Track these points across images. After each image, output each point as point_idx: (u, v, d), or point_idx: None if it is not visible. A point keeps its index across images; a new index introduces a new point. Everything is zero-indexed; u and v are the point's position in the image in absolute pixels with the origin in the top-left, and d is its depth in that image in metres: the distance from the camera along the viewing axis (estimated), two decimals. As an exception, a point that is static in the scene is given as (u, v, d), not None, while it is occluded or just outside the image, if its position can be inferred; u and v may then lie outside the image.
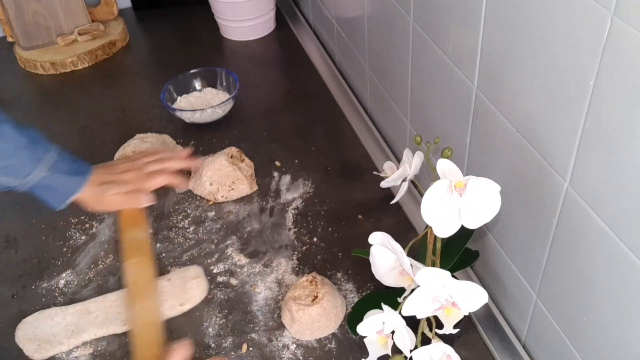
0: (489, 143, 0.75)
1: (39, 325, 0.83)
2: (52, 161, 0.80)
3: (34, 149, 0.80)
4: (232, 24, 1.41)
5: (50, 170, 0.80)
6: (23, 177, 0.79)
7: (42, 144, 0.81)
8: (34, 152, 0.79)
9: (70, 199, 0.82)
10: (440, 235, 0.61)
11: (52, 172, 0.80)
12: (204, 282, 0.88)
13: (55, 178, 0.81)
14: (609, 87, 0.51)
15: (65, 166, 0.82)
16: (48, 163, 0.80)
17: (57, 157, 0.81)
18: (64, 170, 0.82)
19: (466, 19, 0.71)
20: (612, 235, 0.56)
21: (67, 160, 0.83)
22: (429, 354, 0.62)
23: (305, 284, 0.82)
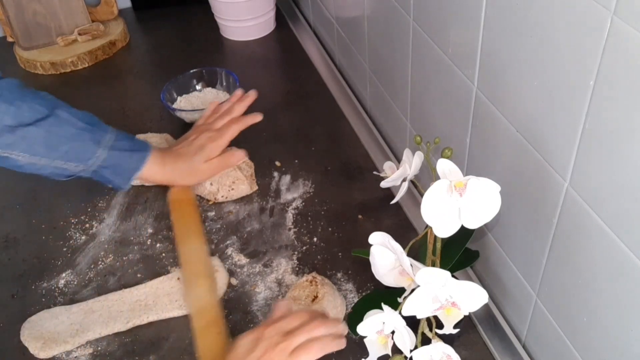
0: (489, 143, 0.75)
1: (44, 324, 0.84)
2: (112, 141, 0.82)
3: (93, 131, 0.81)
4: (232, 24, 1.41)
5: (112, 150, 0.81)
6: (86, 160, 0.81)
7: (100, 126, 0.83)
8: (93, 134, 0.81)
9: (134, 175, 0.84)
10: (440, 235, 0.61)
11: (113, 151, 0.81)
12: (224, 274, 0.88)
13: (117, 157, 0.83)
14: (609, 87, 0.51)
15: (125, 144, 0.84)
16: (108, 143, 0.81)
17: (115, 137, 0.82)
18: (125, 149, 0.83)
19: (466, 19, 0.71)
20: (612, 235, 0.56)
21: (126, 138, 0.84)
22: (429, 354, 0.62)
23: (305, 284, 0.82)
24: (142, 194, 1.04)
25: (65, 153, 0.80)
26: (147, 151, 0.86)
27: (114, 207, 1.02)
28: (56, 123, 0.80)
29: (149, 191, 1.05)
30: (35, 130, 0.80)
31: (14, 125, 0.78)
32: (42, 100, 0.81)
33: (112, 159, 0.82)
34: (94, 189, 1.05)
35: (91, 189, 1.05)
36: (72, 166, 0.81)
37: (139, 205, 1.02)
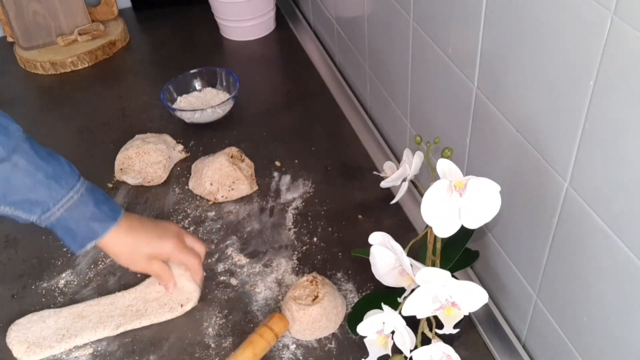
0: (489, 143, 0.75)
1: (30, 327, 0.83)
2: (72, 202, 0.73)
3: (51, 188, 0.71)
4: (232, 24, 1.41)
5: (69, 211, 0.73)
6: (40, 214, 0.72)
7: (65, 181, 0.73)
8: (51, 191, 0.71)
9: (88, 244, 0.75)
10: (440, 235, 0.61)
11: (70, 212, 0.73)
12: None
13: (73, 221, 0.73)
14: (609, 87, 0.51)
15: (87, 209, 0.74)
16: (67, 204, 0.72)
17: (78, 197, 0.73)
18: (85, 214, 0.74)
19: (466, 19, 0.71)
20: (612, 235, 0.56)
21: (92, 201, 0.74)
22: (429, 354, 0.62)
23: (305, 283, 0.82)
24: (142, 194, 1.04)
25: (14, 203, 0.70)
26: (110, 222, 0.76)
27: (114, 207, 1.02)
28: (10, 170, 0.69)
29: (149, 191, 1.05)
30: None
31: None
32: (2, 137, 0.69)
33: (68, 221, 0.73)
34: (94, 189, 1.05)
35: (91, 189, 1.05)
36: (24, 216, 0.72)
37: (139, 205, 1.02)
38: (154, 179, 1.05)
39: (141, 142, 1.07)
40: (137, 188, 1.05)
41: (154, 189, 1.05)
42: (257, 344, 0.77)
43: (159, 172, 1.05)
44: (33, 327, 0.83)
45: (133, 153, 1.05)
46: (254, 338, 0.77)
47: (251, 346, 0.77)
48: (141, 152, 1.05)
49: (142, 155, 1.05)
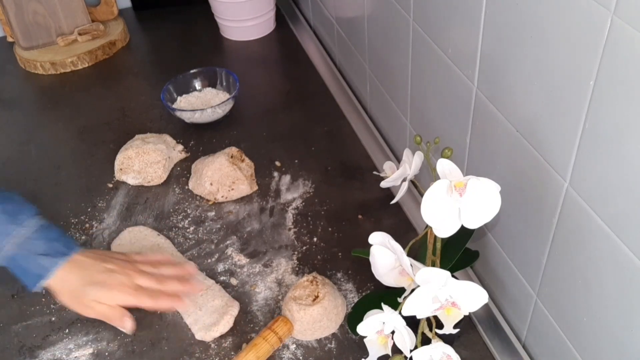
0: (489, 143, 0.75)
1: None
2: (25, 238, 0.73)
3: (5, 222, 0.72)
4: (232, 24, 1.41)
5: (20, 248, 0.72)
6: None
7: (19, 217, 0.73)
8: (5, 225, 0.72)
9: (41, 282, 0.74)
10: (440, 235, 0.61)
11: (21, 249, 0.73)
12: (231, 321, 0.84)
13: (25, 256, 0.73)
14: (609, 87, 0.51)
15: (38, 245, 0.74)
16: (19, 240, 0.73)
17: (30, 233, 0.73)
18: (36, 250, 0.73)
19: (466, 19, 0.71)
20: (612, 235, 0.56)
21: (44, 238, 0.74)
22: (429, 354, 0.62)
23: (305, 284, 0.82)
24: (142, 194, 1.04)
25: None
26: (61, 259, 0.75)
27: (114, 207, 1.02)
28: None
29: (149, 191, 1.05)
30: None
31: None
32: None
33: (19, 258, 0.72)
34: (94, 189, 1.05)
35: (91, 188, 1.05)
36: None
37: (139, 205, 1.02)
38: (154, 179, 1.05)
39: (141, 142, 1.07)
40: (137, 188, 1.05)
41: (154, 189, 1.05)
42: (260, 347, 0.77)
43: (159, 172, 1.05)
44: None
45: (133, 153, 1.05)
46: (258, 341, 0.77)
47: (254, 349, 0.77)
48: (141, 152, 1.05)
49: (142, 155, 1.05)
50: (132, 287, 0.77)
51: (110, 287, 0.76)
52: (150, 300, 0.77)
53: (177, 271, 0.82)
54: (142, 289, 0.77)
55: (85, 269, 0.76)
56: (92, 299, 0.75)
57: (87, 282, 0.75)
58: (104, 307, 0.76)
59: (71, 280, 0.75)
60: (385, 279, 0.68)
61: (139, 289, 0.77)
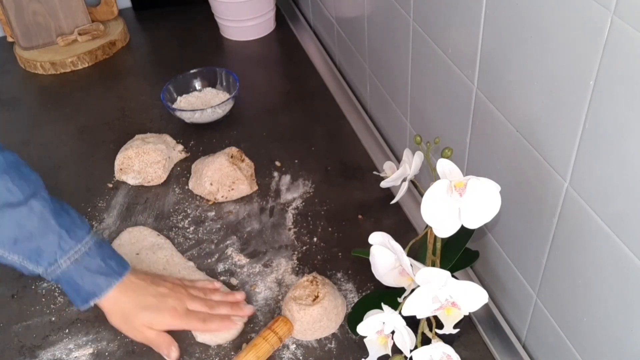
0: (489, 143, 0.75)
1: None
2: (81, 254, 0.72)
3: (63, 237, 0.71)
4: (232, 24, 1.41)
5: (76, 264, 0.72)
6: (46, 265, 0.71)
7: (76, 232, 0.73)
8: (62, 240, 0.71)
9: (92, 300, 0.74)
10: (440, 235, 0.61)
11: (77, 265, 0.72)
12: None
13: (79, 274, 0.72)
14: (609, 87, 0.51)
15: (94, 263, 0.73)
16: (75, 255, 0.72)
17: (88, 250, 0.73)
18: (91, 268, 0.73)
19: (466, 19, 0.71)
20: (612, 235, 0.56)
21: (99, 256, 0.74)
22: (429, 354, 0.62)
23: (305, 284, 0.82)
24: (142, 194, 1.04)
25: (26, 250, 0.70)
26: (116, 278, 0.75)
27: (114, 207, 1.02)
28: (26, 215, 0.70)
29: (149, 191, 1.05)
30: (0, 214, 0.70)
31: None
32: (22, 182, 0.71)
33: (73, 274, 0.72)
34: (93, 189, 1.05)
35: (91, 188, 1.05)
36: (31, 267, 0.72)
37: (139, 205, 1.02)
38: (154, 179, 1.05)
39: (141, 142, 1.07)
40: (137, 188, 1.05)
41: (154, 189, 1.05)
42: (260, 347, 0.77)
43: (159, 172, 1.05)
44: None
45: (133, 153, 1.05)
46: (258, 341, 0.77)
47: (254, 349, 0.77)
48: (141, 152, 1.05)
49: (141, 155, 1.05)
50: (183, 311, 0.78)
51: (162, 311, 0.77)
52: (200, 324, 0.78)
53: (226, 297, 0.83)
54: (193, 312, 0.78)
55: (138, 291, 0.77)
56: (143, 324, 0.76)
57: (140, 306, 0.76)
58: (153, 333, 0.77)
59: (123, 302, 0.76)
60: (385, 279, 0.68)
61: (189, 314, 0.78)
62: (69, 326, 0.85)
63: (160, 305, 0.77)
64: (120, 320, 0.77)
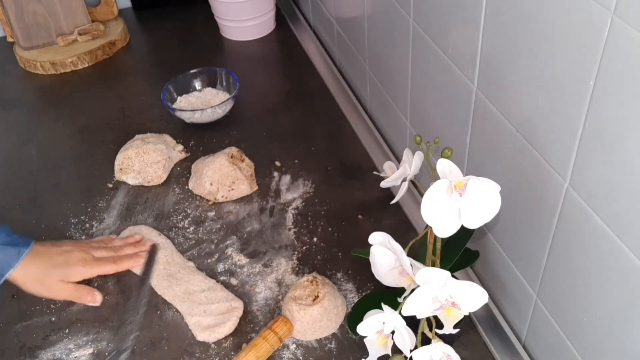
0: (489, 143, 0.75)
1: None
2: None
3: None
4: (232, 24, 1.41)
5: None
6: None
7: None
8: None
9: (4, 275, 0.78)
10: (440, 235, 0.61)
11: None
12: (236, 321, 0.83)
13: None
14: (609, 87, 0.51)
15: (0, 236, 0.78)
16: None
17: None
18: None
19: (466, 19, 0.71)
20: (612, 235, 0.56)
21: (4, 231, 0.79)
22: (429, 354, 0.62)
23: (306, 284, 0.82)
24: (142, 194, 1.04)
25: None
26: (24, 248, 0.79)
27: (114, 207, 1.02)
28: None
29: (149, 191, 1.05)
30: None
31: None
32: None
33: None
34: (93, 189, 1.05)
35: (91, 188, 1.05)
36: None
37: (139, 205, 1.02)
38: (154, 179, 1.05)
39: (141, 142, 1.07)
40: (137, 188, 1.05)
41: (154, 189, 1.05)
42: (260, 347, 0.77)
43: (159, 172, 1.05)
44: None
45: (133, 153, 1.05)
46: (258, 341, 0.77)
47: (254, 349, 0.77)
48: (141, 152, 1.05)
49: (141, 155, 1.05)
50: (92, 259, 0.84)
51: (72, 264, 0.82)
52: (112, 265, 0.85)
53: (126, 240, 0.91)
54: (101, 258, 0.85)
55: (44, 255, 0.82)
56: (58, 280, 0.81)
57: (49, 265, 0.81)
58: (70, 286, 0.82)
59: (34, 267, 0.80)
60: (385, 279, 0.68)
61: (99, 260, 0.84)
62: (69, 326, 0.85)
63: (69, 259, 0.83)
64: (36, 285, 0.81)
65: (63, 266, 0.82)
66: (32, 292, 0.81)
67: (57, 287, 0.81)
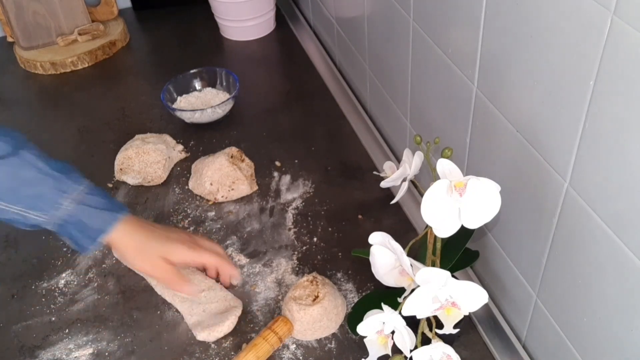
0: (489, 143, 0.75)
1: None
2: (82, 194, 0.73)
3: (60, 180, 0.73)
4: (232, 24, 1.41)
5: (80, 204, 0.73)
6: (49, 210, 0.72)
7: (71, 176, 0.74)
8: (59, 183, 0.72)
9: (100, 237, 0.75)
10: (440, 235, 0.61)
11: (81, 205, 0.73)
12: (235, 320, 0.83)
13: (85, 213, 0.73)
14: (609, 87, 0.51)
15: (97, 201, 0.74)
16: (77, 196, 0.73)
17: (87, 190, 0.74)
18: (95, 205, 0.74)
19: (466, 19, 0.71)
20: (612, 235, 0.56)
21: (100, 195, 0.75)
22: (429, 354, 0.62)
23: (306, 284, 0.82)
24: (142, 194, 1.04)
25: (26, 198, 0.71)
26: (120, 213, 0.76)
27: (114, 207, 1.02)
28: (19, 164, 0.71)
29: (149, 191, 1.05)
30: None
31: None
32: (7, 137, 0.72)
33: (79, 214, 0.73)
34: (94, 189, 1.05)
35: (91, 189, 1.05)
36: (34, 215, 0.72)
37: (139, 205, 1.02)
38: (154, 179, 1.05)
39: (141, 142, 1.07)
40: (137, 188, 1.05)
41: (154, 189, 1.05)
42: (260, 347, 0.77)
43: (159, 172, 1.05)
44: None
45: (133, 153, 1.05)
46: (258, 341, 0.77)
47: (254, 349, 0.77)
48: (141, 152, 1.05)
49: (141, 155, 1.05)
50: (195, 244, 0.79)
51: (176, 242, 0.78)
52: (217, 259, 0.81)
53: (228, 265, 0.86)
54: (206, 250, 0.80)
55: (146, 225, 0.78)
56: (158, 255, 0.76)
57: (152, 236, 0.77)
58: (170, 267, 0.77)
59: (135, 233, 0.76)
60: (385, 279, 0.68)
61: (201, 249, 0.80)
62: (69, 326, 0.85)
63: (172, 236, 0.79)
64: (135, 253, 0.77)
65: (166, 241, 0.78)
66: (130, 263, 0.78)
67: (157, 263, 0.77)
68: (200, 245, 0.81)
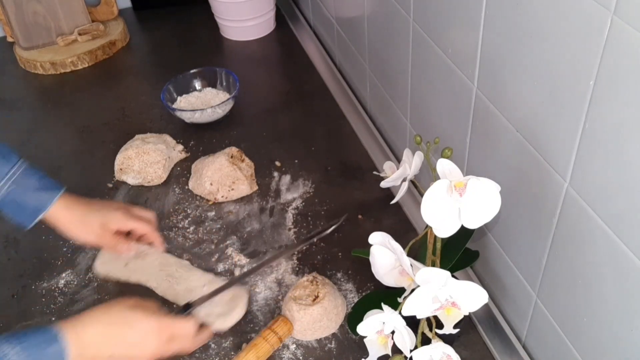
0: (489, 143, 0.75)
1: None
2: (18, 175, 0.77)
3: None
4: (232, 24, 1.41)
5: (17, 184, 0.77)
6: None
7: (7, 157, 0.78)
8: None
9: (39, 215, 0.79)
10: (440, 235, 0.61)
11: (18, 186, 0.77)
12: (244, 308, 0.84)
13: (22, 193, 0.78)
14: (609, 87, 0.51)
15: (33, 181, 0.79)
16: (13, 177, 0.77)
17: (22, 172, 0.78)
18: (32, 185, 0.79)
19: (466, 19, 0.71)
20: (612, 235, 0.56)
21: (36, 175, 0.80)
22: (429, 354, 0.62)
23: (306, 283, 0.82)
24: (142, 194, 1.04)
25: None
26: (57, 191, 0.81)
27: (114, 207, 1.02)
28: None
29: (149, 191, 1.05)
30: None
31: None
32: None
33: (14, 194, 0.77)
34: (94, 189, 1.05)
35: (91, 188, 1.05)
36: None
37: (139, 205, 1.02)
38: (154, 179, 1.05)
39: (141, 142, 1.07)
40: (137, 188, 1.05)
41: (154, 189, 1.05)
42: (260, 347, 0.77)
43: (159, 172, 1.05)
44: None
45: (133, 153, 1.05)
46: (258, 341, 0.77)
47: (254, 349, 0.77)
48: (141, 152, 1.05)
49: (141, 155, 1.05)
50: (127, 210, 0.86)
51: (113, 210, 0.84)
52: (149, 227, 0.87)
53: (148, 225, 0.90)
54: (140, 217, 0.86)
55: (83, 201, 0.83)
56: (99, 223, 0.82)
57: (90, 210, 0.83)
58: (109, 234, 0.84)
59: (76, 208, 0.82)
60: (385, 279, 0.68)
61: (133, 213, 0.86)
62: (69, 326, 0.85)
63: (108, 206, 0.85)
64: (78, 225, 0.82)
65: (103, 211, 0.83)
66: (73, 236, 0.82)
67: (98, 232, 0.83)
68: (133, 213, 0.87)
